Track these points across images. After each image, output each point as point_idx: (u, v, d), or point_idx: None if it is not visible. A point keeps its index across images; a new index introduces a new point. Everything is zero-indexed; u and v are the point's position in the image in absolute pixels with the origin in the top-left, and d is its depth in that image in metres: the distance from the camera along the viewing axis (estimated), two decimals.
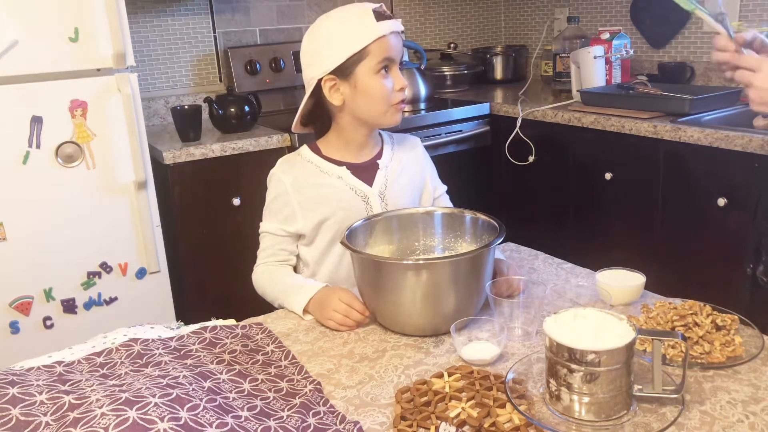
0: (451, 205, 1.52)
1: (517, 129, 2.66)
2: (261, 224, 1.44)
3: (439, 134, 2.74)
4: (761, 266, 1.37)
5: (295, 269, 1.46)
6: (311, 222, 1.39)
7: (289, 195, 1.39)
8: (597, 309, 0.93)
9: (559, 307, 1.18)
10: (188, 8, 2.88)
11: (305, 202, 1.39)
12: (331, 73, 1.32)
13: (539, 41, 3.41)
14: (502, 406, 0.91)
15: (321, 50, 1.33)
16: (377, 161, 1.43)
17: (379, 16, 1.29)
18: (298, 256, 1.45)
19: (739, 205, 1.98)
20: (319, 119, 1.42)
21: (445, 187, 1.55)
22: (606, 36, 2.71)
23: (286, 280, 1.36)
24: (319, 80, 1.33)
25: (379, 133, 1.47)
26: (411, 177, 1.46)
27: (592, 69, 2.63)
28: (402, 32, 1.35)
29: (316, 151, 1.43)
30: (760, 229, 1.43)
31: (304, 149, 1.44)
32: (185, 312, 2.38)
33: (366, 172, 1.42)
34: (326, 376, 1.05)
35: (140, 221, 2.24)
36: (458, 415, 0.89)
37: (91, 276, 2.21)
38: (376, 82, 1.31)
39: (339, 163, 1.40)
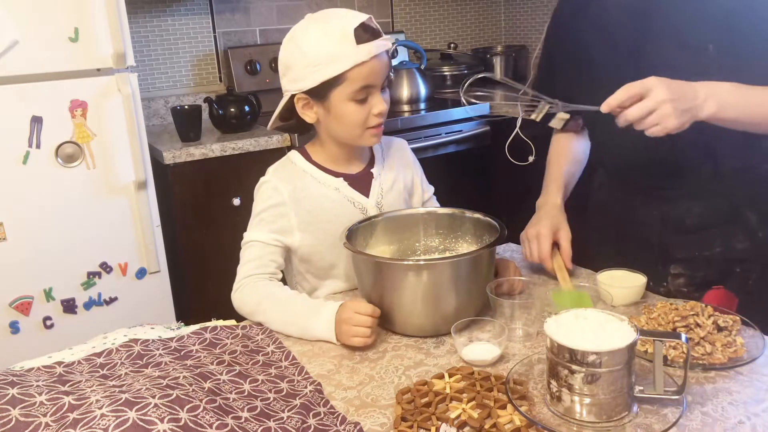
0: (438, 206, 1.49)
1: (517, 129, 2.66)
2: (246, 234, 1.33)
3: (439, 134, 2.74)
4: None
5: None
6: (309, 236, 1.32)
7: (287, 206, 1.30)
8: (598, 310, 0.93)
9: (558, 306, 1.18)
10: (188, 8, 2.87)
11: (304, 214, 1.31)
12: (304, 92, 1.25)
13: (539, 41, 3.40)
14: (503, 407, 0.90)
15: (295, 66, 1.24)
16: (371, 170, 1.38)
17: (361, 37, 1.19)
18: (283, 271, 1.38)
19: None
20: (298, 118, 1.33)
21: (432, 189, 1.51)
22: None
23: (296, 303, 1.22)
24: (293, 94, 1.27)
25: None
26: (404, 183, 1.42)
27: None
28: (388, 50, 1.25)
29: (308, 158, 1.35)
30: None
31: (296, 156, 1.36)
32: (185, 312, 2.38)
33: (361, 182, 1.36)
34: (326, 376, 1.04)
35: (140, 221, 2.24)
36: (459, 416, 0.89)
37: (91, 276, 2.21)
38: (350, 109, 1.24)
39: (336, 174, 1.34)
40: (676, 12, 1.22)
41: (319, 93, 1.24)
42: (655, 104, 1.06)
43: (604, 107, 1.10)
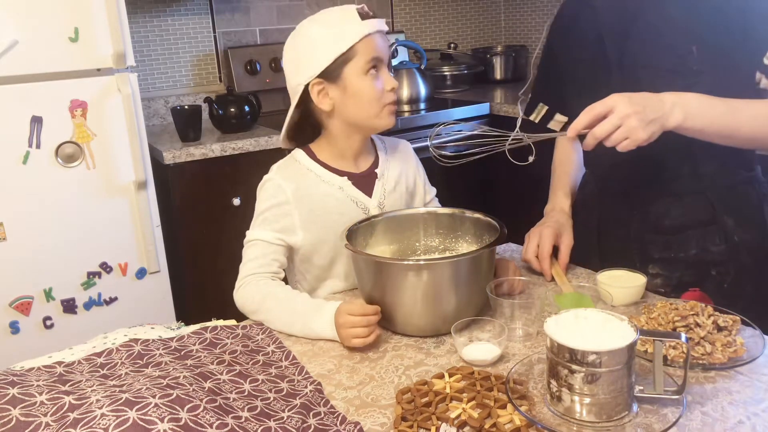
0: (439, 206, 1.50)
1: (517, 129, 2.66)
2: (249, 233, 1.33)
3: (439, 134, 2.74)
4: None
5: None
6: (311, 235, 1.32)
7: (290, 205, 1.31)
8: (598, 310, 0.93)
9: (560, 307, 1.18)
10: (188, 8, 2.88)
11: (307, 213, 1.31)
12: (318, 77, 1.27)
13: (539, 41, 3.41)
14: (503, 406, 0.91)
15: (306, 55, 1.28)
16: (375, 170, 1.38)
17: (364, 15, 1.27)
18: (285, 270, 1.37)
19: None
20: (307, 131, 1.37)
21: (434, 191, 1.51)
22: None
23: (298, 302, 1.22)
24: (306, 86, 1.29)
25: (372, 140, 1.43)
26: (407, 184, 1.43)
27: None
28: (386, 32, 1.32)
29: (313, 156, 1.36)
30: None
31: (300, 154, 1.37)
32: (185, 312, 2.38)
33: (365, 182, 1.37)
34: (327, 376, 1.04)
35: (140, 221, 2.24)
36: (459, 415, 0.89)
37: (91, 276, 2.21)
38: (366, 83, 1.27)
39: (340, 173, 1.35)
40: (661, 13, 1.23)
41: (334, 72, 1.27)
42: (620, 119, 1.06)
43: (570, 132, 1.11)
